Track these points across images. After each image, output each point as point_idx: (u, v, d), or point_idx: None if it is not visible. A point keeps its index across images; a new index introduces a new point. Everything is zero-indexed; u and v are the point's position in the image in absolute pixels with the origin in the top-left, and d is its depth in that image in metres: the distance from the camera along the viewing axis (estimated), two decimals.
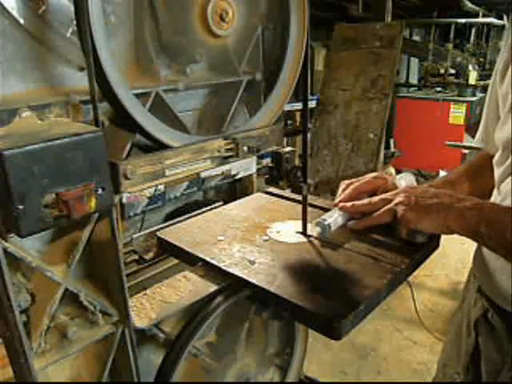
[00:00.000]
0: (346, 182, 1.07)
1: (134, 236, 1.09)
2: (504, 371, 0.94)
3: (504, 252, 0.86)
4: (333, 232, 1.00)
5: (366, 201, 0.98)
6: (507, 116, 0.91)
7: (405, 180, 1.09)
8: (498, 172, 0.97)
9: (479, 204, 0.85)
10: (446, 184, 1.10)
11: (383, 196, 0.96)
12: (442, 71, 5.66)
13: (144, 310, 0.84)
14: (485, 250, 0.99)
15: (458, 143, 4.60)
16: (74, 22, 0.86)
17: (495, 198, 0.98)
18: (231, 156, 1.10)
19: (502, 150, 0.95)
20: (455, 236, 0.89)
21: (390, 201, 0.94)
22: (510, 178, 0.92)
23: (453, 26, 5.54)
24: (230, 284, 0.90)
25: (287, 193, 1.35)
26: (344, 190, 1.05)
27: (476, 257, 1.05)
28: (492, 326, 0.98)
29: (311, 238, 1.02)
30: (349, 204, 1.00)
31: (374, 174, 1.06)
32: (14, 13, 0.84)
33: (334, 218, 1.00)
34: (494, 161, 0.98)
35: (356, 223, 1.00)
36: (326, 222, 0.98)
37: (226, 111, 1.21)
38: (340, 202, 1.03)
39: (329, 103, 3.22)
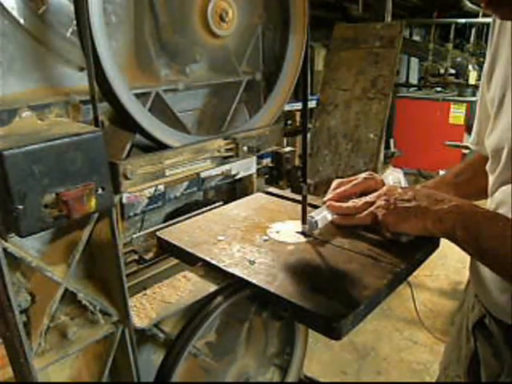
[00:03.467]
0: (338, 180, 1.08)
1: (134, 236, 1.09)
2: (502, 377, 0.94)
3: (478, 256, 0.86)
4: (325, 229, 1.02)
5: (351, 204, 1.00)
6: (493, 124, 0.91)
7: (392, 177, 1.09)
8: (490, 180, 0.97)
9: (458, 207, 0.85)
10: (441, 184, 1.10)
11: (367, 199, 0.98)
12: (442, 71, 5.66)
13: (144, 310, 0.84)
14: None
15: (458, 143, 4.61)
16: (74, 22, 0.86)
17: (488, 206, 0.97)
18: (231, 156, 1.09)
19: (492, 159, 0.94)
20: None
21: (373, 203, 0.95)
22: (501, 188, 0.91)
23: (453, 26, 5.54)
24: (230, 284, 0.90)
25: (287, 193, 1.35)
26: (335, 188, 1.06)
27: (472, 266, 1.05)
28: (489, 332, 0.98)
29: (311, 238, 1.02)
30: (336, 204, 1.02)
31: (364, 175, 1.07)
32: (14, 13, 0.84)
33: (323, 216, 1.02)
34: (487, 168, 0.98)
35: (340, 219, 1.02)
36: (314, 219, 1.00)
37: (226, 111, 1.21)
38: (329, 200, 1.04)
39: (329, 103, 3.22)
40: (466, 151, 5.03)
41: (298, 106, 3.56)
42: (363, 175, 1.07)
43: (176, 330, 0.93)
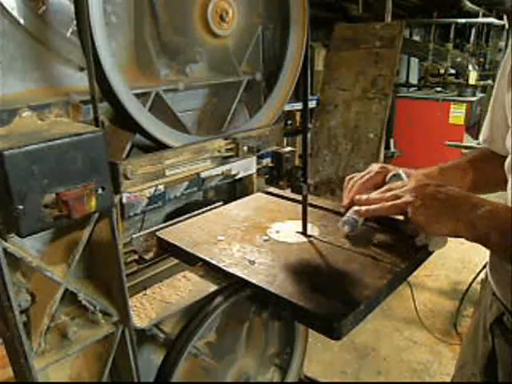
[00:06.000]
0: (350, 176, 1.06)
1: (134, 236, 1.09)
2: None
3: None
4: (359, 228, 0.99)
5: (378, 196, 0.97)
6: None
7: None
8: (510, 180, 0.96)
9: (493, 212, 0.83)
10: (456, 169, 1.08)
11: (396, 192, 0.94)
12: (442, 71, 5.65)
13: (144, 310, 0.84)
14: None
15: (458, 143, 4.60)
16: (74, 22, 0.86)
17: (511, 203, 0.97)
18: (231, 156, 1.10)
19: None
20: None
21: (401, 197, 0.92)
22: None
23: (453, 26, 5.54)
24: (230, 284, 0.90)
25: (287, 193, 1.35)
26: (349, 189, 1.05)
27: (491, 264, 1.05)
28: (507, 330, 0.98)
29: (311, 238, 1.02)
30: (364, 197, 0.99)
31: (376, 169, 1.05)
32: (14, 13, 0.84)
33: (358, 215, 0.98)
34: (506, 167, 0.97)
35: (366, 209, 0.97)
36: (355, 220, 0.97)
37: (226, 111, 1.21)
38: (351, 199, 1.01)
39: (329, 103, 3.22)
40: (466, 151, 5.03)
41: (298, 106, 3.55)
42: (376, 169, 1.05)
43: (176, 330, 0.93)
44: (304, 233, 1.04)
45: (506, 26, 5.66)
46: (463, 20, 5.56)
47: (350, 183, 1.06)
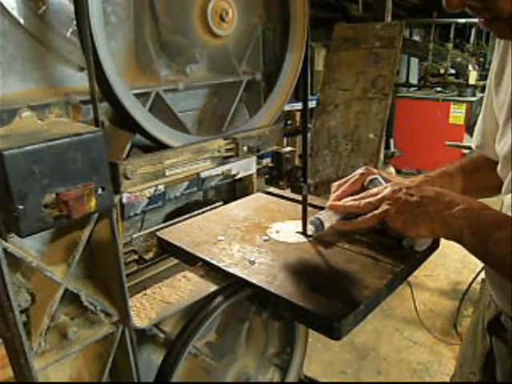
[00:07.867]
0: (337, 183, 1.07)
1: (134, 236, 1.09)
2: None
3: (485, 261, 0.86)
4: (327, 230, 1.00)
5: (354, 203, 0.97)
6: (504, 129, 0.91)
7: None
8: (504, 183, 0.96)
9: (465, 211, 0.83)
10: (443, 175, 1.09)
11: (370, 200, 0.95)
12: (442, 71, 5.67)
13: (144, 310, 0.84)
14: None
15: (458, 143, 4.61)
16: (74, 22, 0.86)
17: (504, 210, 0.97)
18: (231, 156, 1.09)
19: (504, 163, 0.94)
20: None
21: (377, 206, 0.93)
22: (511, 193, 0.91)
23: (453, 26, 5.55)
24: (230, 284, 0.90)
25: (287, 193, 1.35)
26: (335, 191, 1.05)
27: (487, 267, 1.05)
28: (505, 329, 0.98)
29: (311, 238, 1.02)
30: (339, 203, 1.00)
31: (360, 170, 1.05)
32: (14, 13, 0.84)
33: (328, 217, 1.00)
34: (499, 171, 0.97)
35: (343, 224, 0.99)
36: (320, 221, 0.98)
37: (226, 111, 1.21)
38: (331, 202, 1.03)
39: (329, 103, 3.22)
40: (466, 151, 5.03)
41: (298, 106, 3.54)
42: (360, 171, 1.06)
43: (176, 330, 0.93)
44: (304, 233, 1.04)
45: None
46: (463, 20, 5.56)
47: (333, 189, 1.06)
